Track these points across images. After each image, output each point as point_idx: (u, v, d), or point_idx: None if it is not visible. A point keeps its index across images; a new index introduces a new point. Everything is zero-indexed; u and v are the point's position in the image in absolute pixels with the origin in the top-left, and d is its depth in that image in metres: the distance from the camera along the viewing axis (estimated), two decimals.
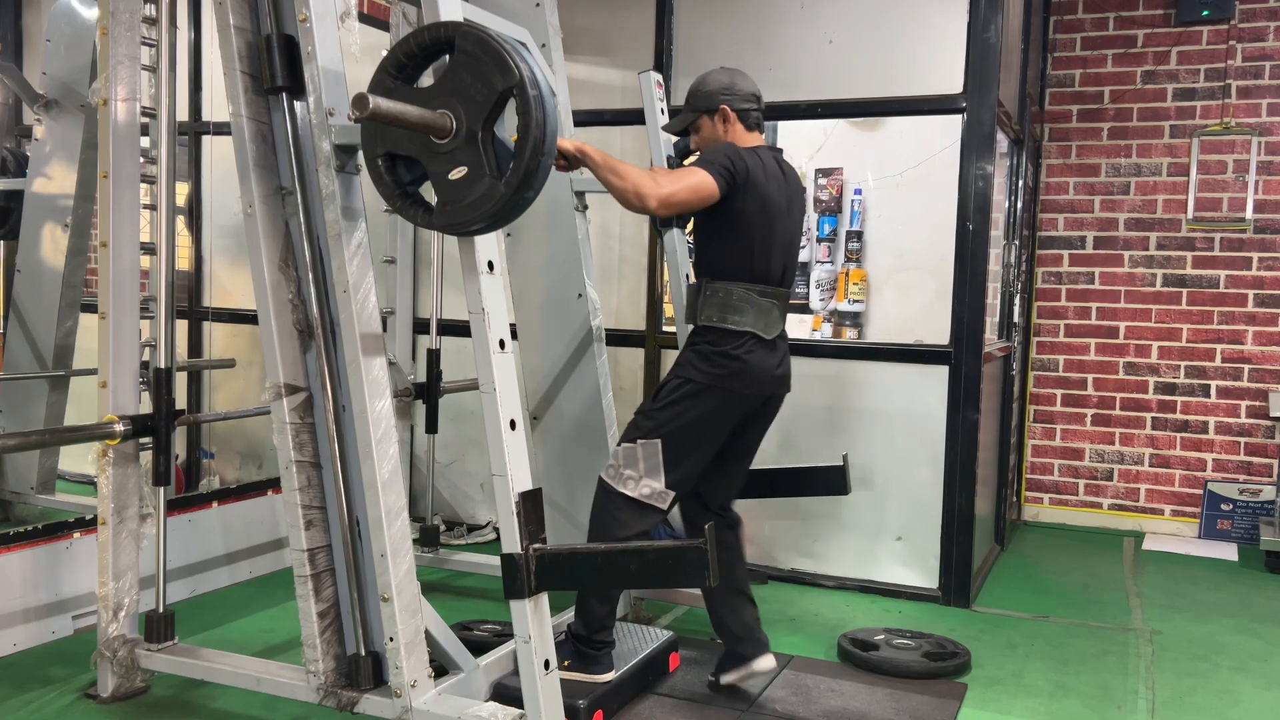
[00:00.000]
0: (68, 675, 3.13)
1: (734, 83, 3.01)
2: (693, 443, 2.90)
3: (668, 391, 2.91)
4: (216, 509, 4.05)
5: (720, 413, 2.91)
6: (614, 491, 2.89)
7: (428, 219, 2.31)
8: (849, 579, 4.27)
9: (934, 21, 4.05)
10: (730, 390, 2.88)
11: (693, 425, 2.88)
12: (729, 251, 2.91)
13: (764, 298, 2.93)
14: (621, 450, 2.90)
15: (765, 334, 2.92)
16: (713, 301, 2.91)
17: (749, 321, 2.89)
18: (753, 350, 2.90)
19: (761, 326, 2.91)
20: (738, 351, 2.88)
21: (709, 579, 2.29)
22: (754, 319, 2.90)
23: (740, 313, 2.89)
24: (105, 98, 2.88)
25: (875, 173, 4.80)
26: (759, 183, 2.87)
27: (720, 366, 2.87)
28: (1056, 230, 5.54)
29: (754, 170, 2.86)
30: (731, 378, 2.88)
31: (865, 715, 3.00)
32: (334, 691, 2.62)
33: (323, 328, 2.61)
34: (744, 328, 2.89)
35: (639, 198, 2.66)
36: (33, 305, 4.36)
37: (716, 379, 2.87)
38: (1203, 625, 3.95)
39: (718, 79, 3.03)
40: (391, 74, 2.27)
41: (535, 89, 2.16)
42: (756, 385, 2.93)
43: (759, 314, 2.91)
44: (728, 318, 2.89)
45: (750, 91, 3.02)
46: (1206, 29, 5.23)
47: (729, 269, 2.91)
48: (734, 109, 2.99)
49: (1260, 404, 5.23)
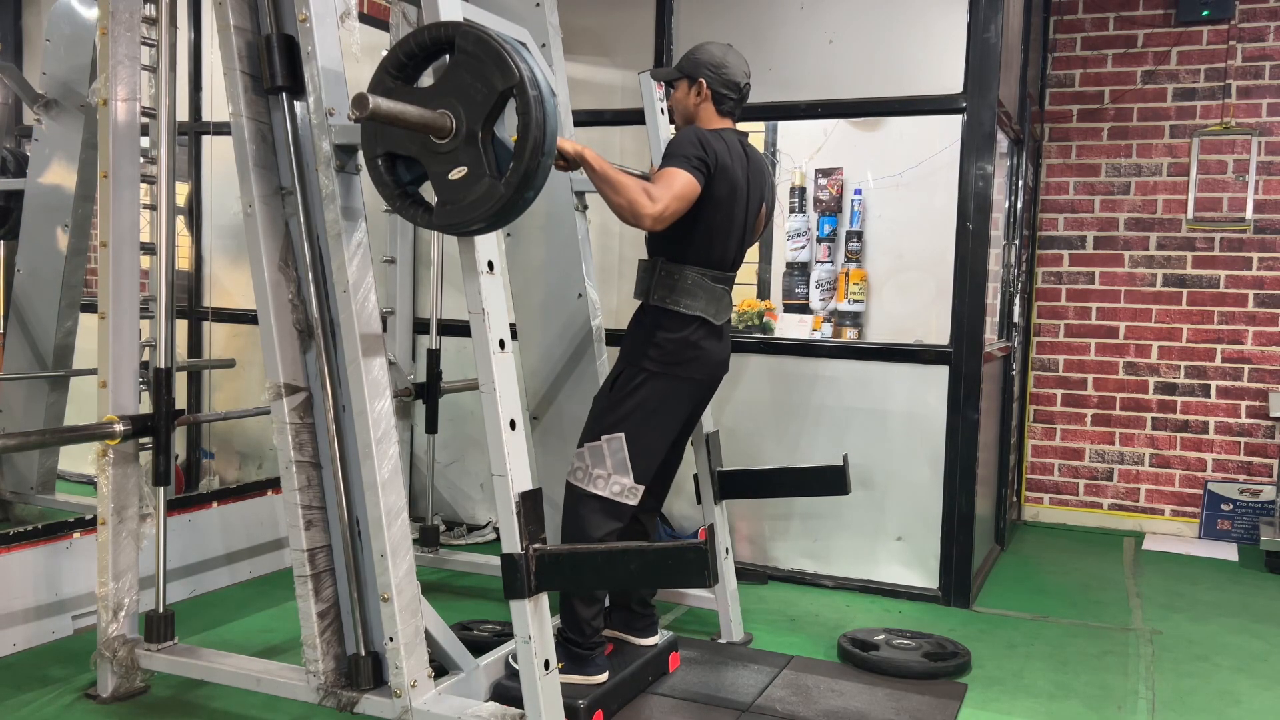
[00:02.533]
0: (68, 675, 3.13)
1: (725, 63, 2.99)
2: (654, 432, 2.91)
3: (624, 382, 2.90)
4: (216, 509, 4.05)
5: (678, 399, 2.93)
6: (586, 494, 2.88)
7: (427, 219, 2.31)
8: (849, 579, 4.27)
9: (934, 21, 4.05)
10: (685, 378, 2.91)
11: (654, 415, 2.89)
12: (688, 235, 2.88)
13: (716, 283, 2.94)
14: (587, 450, 2.88)
15: (715, 319, 2.94)
16: (665, 283, 2.89)
17: (700, 306, 2.90)
18: (704, 337, 2.92)
19: (712, 312, 2.92)
20: (692, 338, 2.89)
21: (709, 579, 2.29)
22: (705, 304, 2.91)
23: (692, 297, 2.89)
24: (105, 98, 2.88)
25: (875, 173, 4.80)
26: (727, 167, 2.86)
27: (673, 354, 2.87)
28: (1056, 230, 5.54)
29: (722, 155, 2.85)
30: (686, 364, 2.89)
31: (865, 715, 3.00)
32: (334, 691, 2.62)
33: (323, 328, 2.61)
34: (695, 312, 2.89)
35: (634, 215, 2.65)
36: (33, 305, 4.35)
37: (670, 367, 2.87)
38: (1203, 625, 3.95)
39: (712, 53, 3.01)
40: (391, 74, 2.27)
41: (535, 89, 2.16)
42: (708, 370, 2.97)
43: (710, 299, 2.92)
44: (680, 300, 2.88)
45: (735, 80, 2.99)
46: (1206, 29, 5.23)
47: (685, 252, 2.90)
48: (712, 88, 2.98)
49: (1260, 404, 5.23)
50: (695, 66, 2.99)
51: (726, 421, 4.35)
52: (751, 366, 4.37)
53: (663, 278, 2.90)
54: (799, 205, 4.94)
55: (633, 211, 2.64)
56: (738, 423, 4.39)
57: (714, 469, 3.55)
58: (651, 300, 2.92)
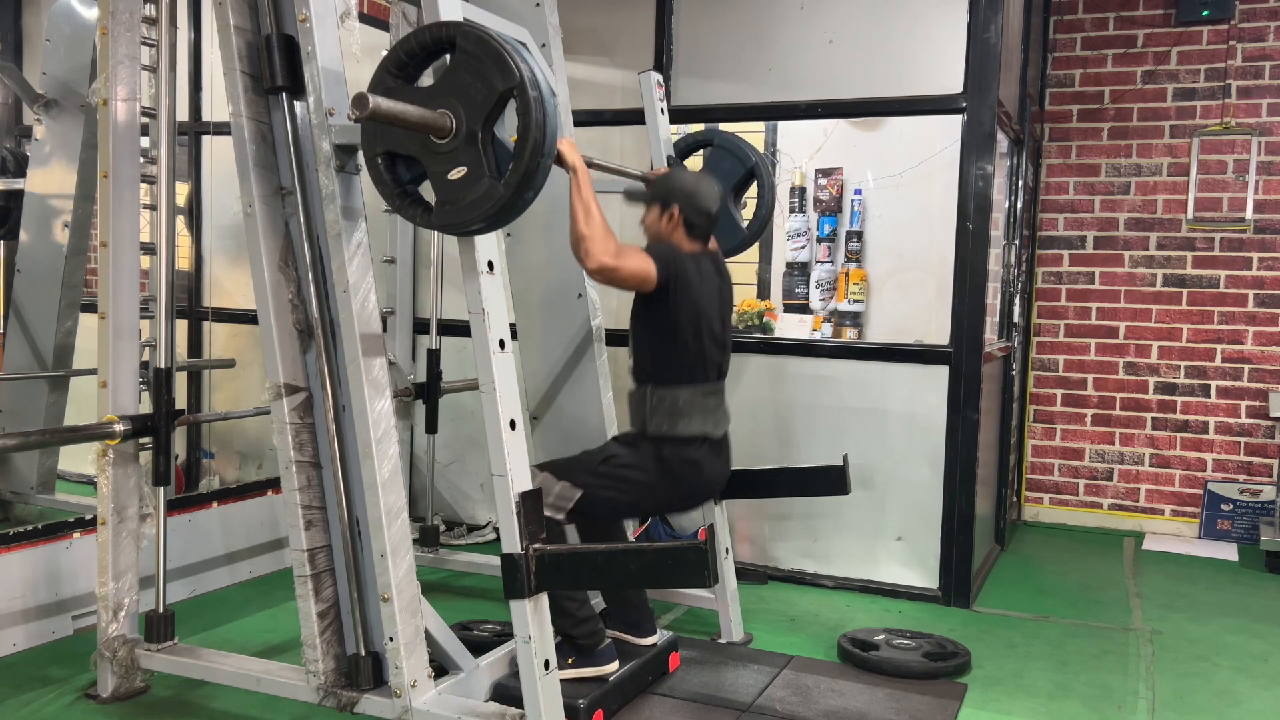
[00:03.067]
0: (68, 675, 3.13)
1: (697, 192, 3.08)
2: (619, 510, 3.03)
3: (617, 464, 2.96)
4: (216, 509, 4.05)
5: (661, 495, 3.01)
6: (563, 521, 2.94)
7: (426, 218, 2.31)
8: (849, 579, 4.27)
9: (934, 21, 4.05)
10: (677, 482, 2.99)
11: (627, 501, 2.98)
12: (671, 357, 2.99)
13: (709, 398, 3.03)
14: (540, 478, 2.92)
15: (715, 433, 3.04)
16: (661, 409, 2.98)
17: (698, 425, 2.99)
18: (707, 454, 3.01)
19: (711, 426, 3.02)
20: (695, 457, 2.98)
21: (709, 579, 2.29)
22: (702, 421, 3.00)
23: (690, 417, 2.98)
24: (105, 98, 2.88)
25: (875, 173, 4.80)
26: (693, 285, 2.96)
27: (667, 469, 2.97)
28: (1056, 230, 5.54)
29: (690, 274, 2.96)
30: (684, 478, 2.99)
31: (865, 715, 3.00)
32: (334, 691, 2.62)
33: (323, 328, 2.61)
34: (695, 431, 2.98)
35: (587, 254, 2.73)
36: (33, 305, 4.36)
37: (662, 478, 2.97)
38: (1203, 625, 3.95)
39: (685, 181, 3.11)
40: (392, 73, 2.27)
41: (536, 90, 2.16)
42: (705, 484, 3.06)
43: (706, 415, 3.01)
44: (678, 424, 2.97)
45: (706, 209, 3.08)
46: (1206, 29, 5.23)
47: (673, 374, 3.00)
48: (684, 214, 3.06)
49: (1260, 404, 5.22)
50: (669, 193, 3.07)
51: None
52: (751, 366, 4.37)
53: (656, 404, 2.99)
54: (799, 205, 4.94)
55: (588, 250, 2.73)
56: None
57: None
58: (650, 430, 2.99)
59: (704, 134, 3.81)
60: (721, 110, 4.41)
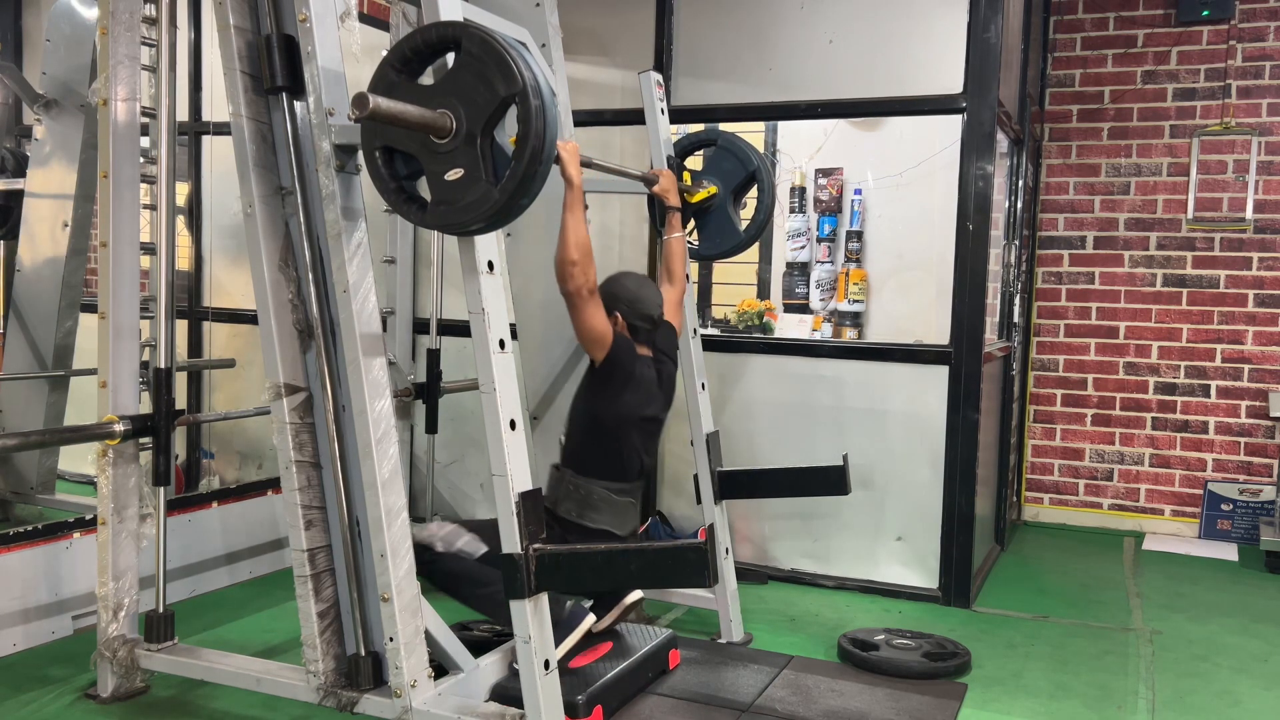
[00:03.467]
0: (68, 675, 3.13)
1: (638, 297, 3.14)
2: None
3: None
4: (216, 509, 4.05)
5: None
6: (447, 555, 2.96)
7: (420, 216, 2.31)
8: (849, 579, 4.27)
9: (934, 21, 4.05)
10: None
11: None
12: (596, 450, 3.04)
13: (622, 496, 3.06)
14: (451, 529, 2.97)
15: (620, 531, 3.06)
16: (574, 497, 3.01)
17: (606, 520, 3.02)
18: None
19: (618, 524, 3.05)
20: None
21: (709, 579, 2.29)
22: (610, 518, 3.03)
23: (599, 511, 3.01)
24: (105, 98, 2.88)
25: (875, 173, 4.80)
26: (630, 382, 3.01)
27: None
28: (1056, 230, 5.54)
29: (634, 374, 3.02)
30: None
31: (865, 715, 3.00)
32: (334, 691, 2.62)
33: (323, 328, 2.61)
34: (600, 526, 3.01)
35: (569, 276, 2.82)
36: (33, 305, 4.36)
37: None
38: (1203, 625, 3.95)
39: (626, 287, 3.16)
40: (396, 67, 2.27)
41: (538, 98, 2.15)
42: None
43: (616, 513, 3.04)
44: (585, 514, 3.00)
45: (648, 313, 3.14)
46: (1206, 29, 5.23)
47: (592, 467, 3.04)
48: (627, 320, 3.11)
49: (1260, 404, 5.22)
50: (612, 300, 3.10)
51: (726, 421, 4.35)
52: (751, 366, 4.37)
53: (570, 490, 3.03)
54: (799, 205, 4.94)
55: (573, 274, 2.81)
56: (738, 423, 4.39)
57: (714, 469, 3.55)
58: (559, 512, 3.02)
59: (708, 134, 3.80)
60: (721, 110, 4.42)
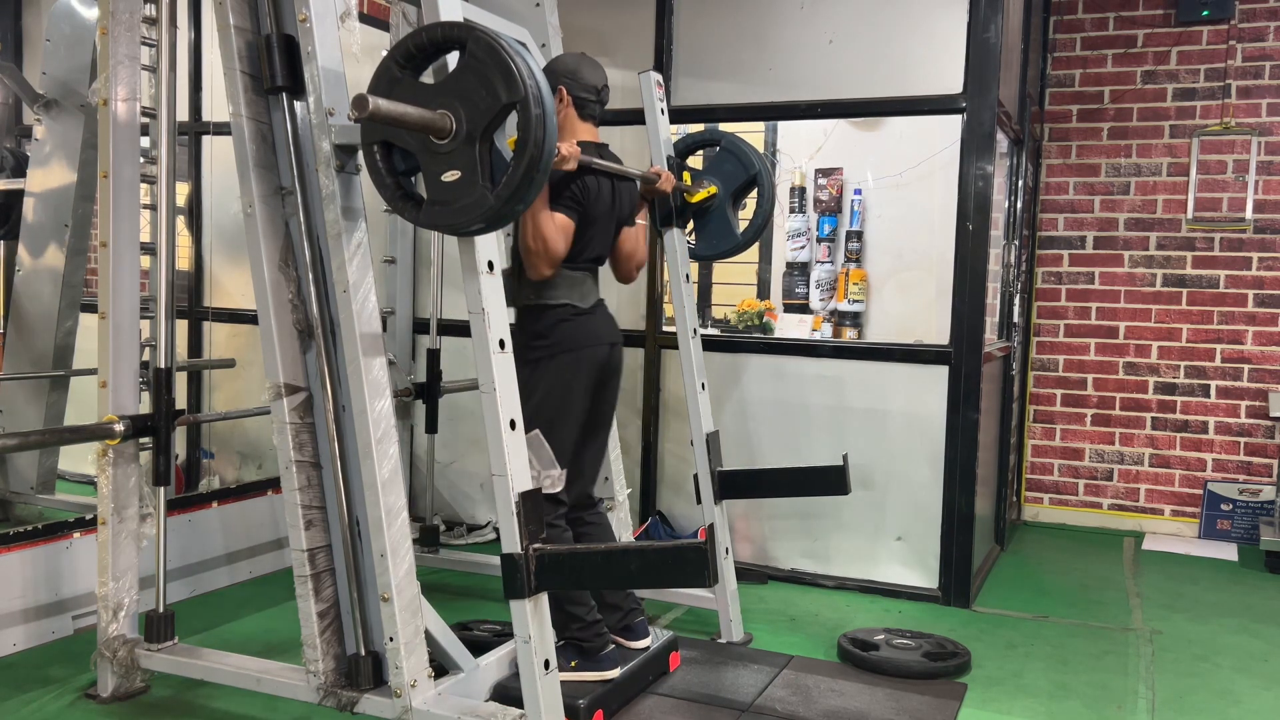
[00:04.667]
0: (68, 675, 3.13)
1: (579, 69, 3.08)
2: (559, 416, 2.99)
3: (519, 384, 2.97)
4: (216, 509, 4.05)
5: (568, 379, 3.02)
6: None
7: (415, 214, 2.31)
8: (849, 579, 4.27)
9: (934, 21, 4.05)
10: (566, 352, 3.01)
11: (549, 399, 2.97)
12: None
13: (575, 271, 3.05)
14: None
15: (581, 303, 3.06)
16: (529, 284, 3.02)
17: (563, 294, 3.03)
18: (572, 318, 3.03)
19: (576, 297, 3.05)
20: (558, 319, 3.01)
21: (709, 579, 2.29)
22: (567, 291, 3.03)
23: (555, 288, 3.01)
24: (105, 98, 2.88)
25: (875, 173, 4.80)
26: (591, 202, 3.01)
27: (547, 338, 3.00)
28: (1056, 230, 5.54)
29: (590, 190, 2.99)
30: (561, 342, 3.01)
31: (865, 715, 3.00)
32: (334, 691, 2.62)
33: (323, 328, 2.61)
34: (559, 300, 3.02)
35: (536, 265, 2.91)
36: (33, 305, 4.35)
37: (549, 350, 3.00)
38: (1203, 625, 3.95)
39: (565, 62, 3.11)
40: (399, 64, 2.27)
41: (539, 107, 2.16)
42: (588, 344, 3.05)
43: (571, 286, 3.04)
44: (545, 293, 3.01)
45: (592, 83, 3.07)
46: (1206, 29, 5.23)
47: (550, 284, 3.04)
48: (571, 94, 3.05)
49: (1260, 404, 5.22)
50: (551, 76, 3.05)
51: (726, 421, 4.36)
52: (751, 366, 4.37)
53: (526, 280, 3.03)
54: (799, 205, 4.94)
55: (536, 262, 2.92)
56: (738, 423, 4.39)
57: (714, 469, 3.55)
58: (520, 301, 3.05)
59: (710, 134, 3.80)
60: (721, 110, 4.42)
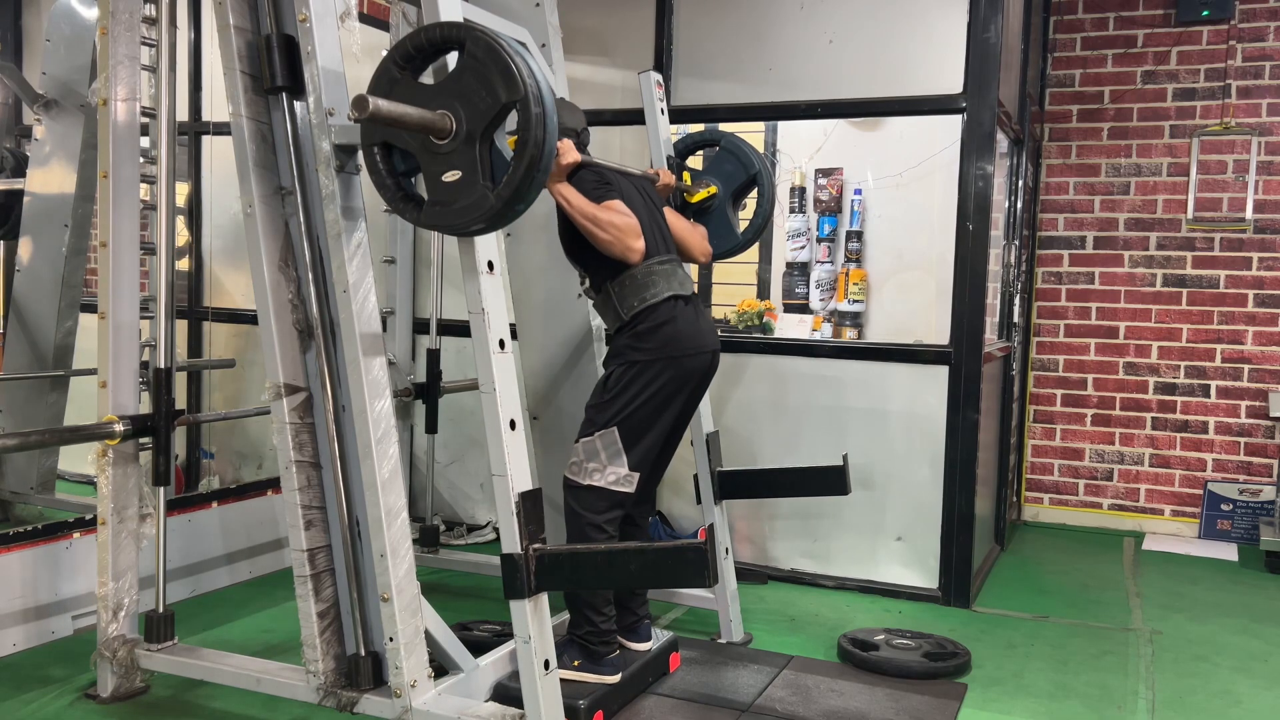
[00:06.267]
0: (68, 675, 3.13)
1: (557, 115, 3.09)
2: (648, 421, 2.97)
3: (614, 381, 2.97)
4: (216, 509, 4.05)
5: (669, 385, 2.98)
6: (581, 486, 2.93)
7: (415, 215, 2.31)
8: (849, 579, 4.27)
9: (934, 21, 4.05)
10: (672, 358, 2.97)
11: (646, 404, 2.95)
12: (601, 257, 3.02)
13: (662, 264, 3.03)
14: (581, 446, 2.95)
15: (682, 290, 3.04)
16: (624, 293, 2.98)
17: (663, 287, 3.00)
18: (679, 312, 3.00)
19: (675, 285, 3.03)
20: (666, 318, 2.97)
21: (709, 579, 2.29)
22: (665, 283, 3.00)
23: (653, 284, 2.99)
24: (105, 98, 2.88)
25: (875, 173, 4.80)
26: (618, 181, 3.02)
27: (653, 339, 2.96)
28: (1056, 230, 5.54)
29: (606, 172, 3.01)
30: (668, 345, 2.96)
31: (865, 715, 3.00)
32: (334, 691, 2.62)
33: (323, 328, 2.61)
34: (662, 294, 2.99)
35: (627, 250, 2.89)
36: (33, 305, 4.35)
37: (655, 352, 2.95)
38: (1203, 625, 3.95)
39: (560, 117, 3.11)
40: (399, 64, 2.27)
41: (539, 106, 2.16)
42: (690, 351, 3.01)
43: (666, 277, 3.02)
44: (645, 294, 2.97)
45: (571, 127, 3.10)
46: (1206, 29, 5.23)
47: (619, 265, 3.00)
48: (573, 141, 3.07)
49: (1260, 404, 5.22)
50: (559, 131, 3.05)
51: (726, 421, 4.35)
52: (751, 366, 4.37)
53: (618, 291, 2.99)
54: (799, 205, 4.94)
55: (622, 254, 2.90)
56: (738, 423, 4.39)
57: (714, 469, 3.55)
58: (624, 313, 2.99)
59: (710, 134, 3.79)
60: (721, 110, 4.42)
